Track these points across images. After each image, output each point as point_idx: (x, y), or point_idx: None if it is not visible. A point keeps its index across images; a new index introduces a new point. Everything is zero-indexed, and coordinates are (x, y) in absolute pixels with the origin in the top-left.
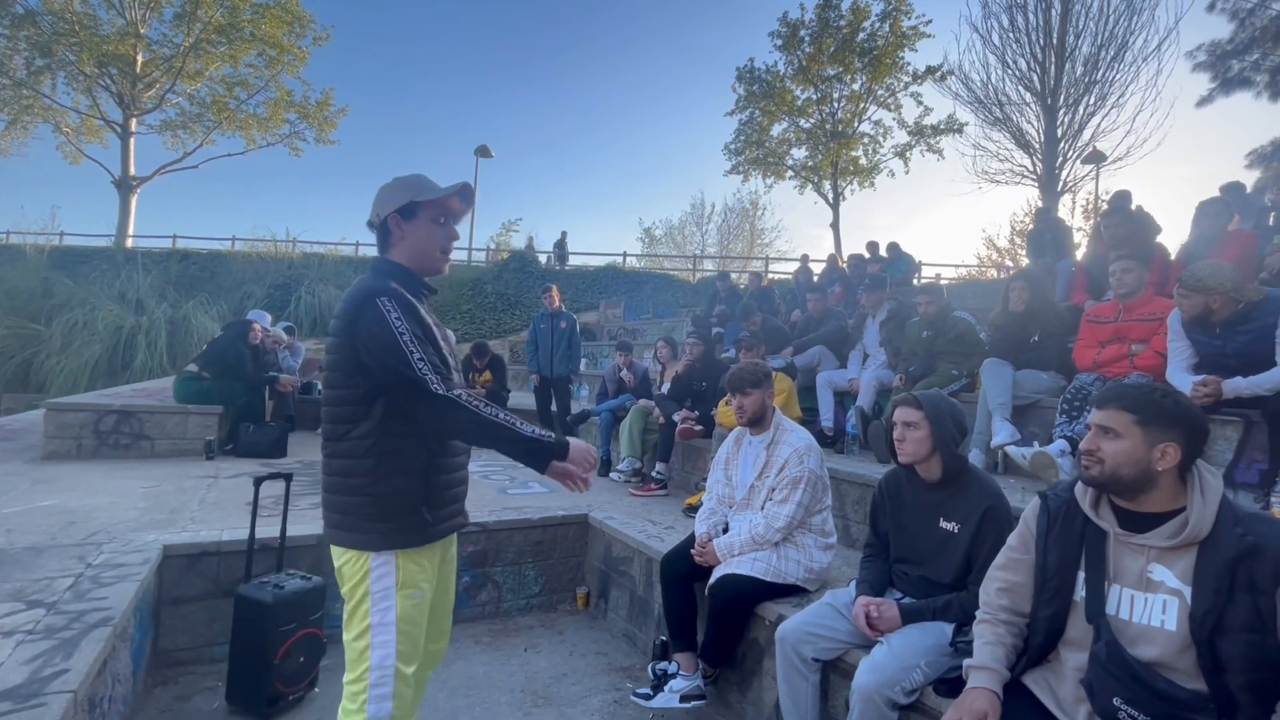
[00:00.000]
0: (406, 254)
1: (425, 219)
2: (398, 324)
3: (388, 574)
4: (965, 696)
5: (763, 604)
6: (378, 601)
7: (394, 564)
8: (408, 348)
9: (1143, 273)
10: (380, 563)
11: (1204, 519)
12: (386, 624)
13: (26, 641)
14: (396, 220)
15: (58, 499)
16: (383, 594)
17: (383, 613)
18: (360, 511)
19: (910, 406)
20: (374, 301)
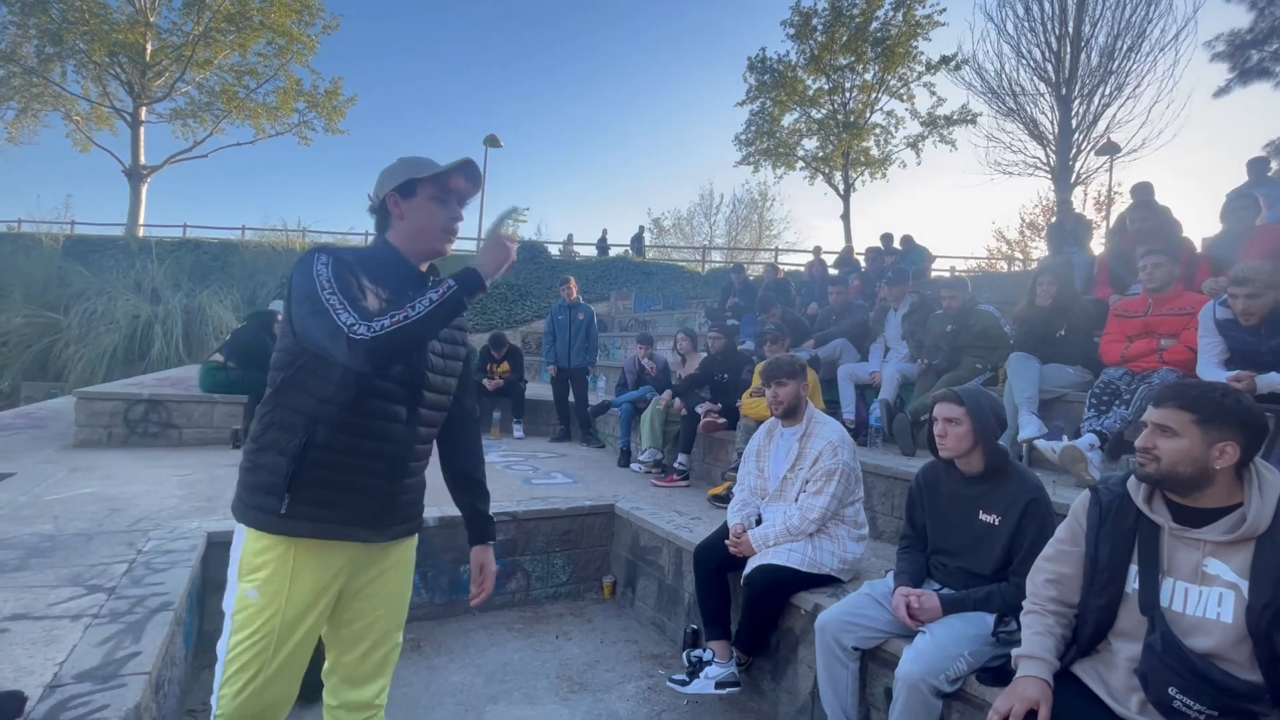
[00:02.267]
0: (404, 234)
1: (425, 197)
2: (323, 271)
3: (235, 555)
4: (1017, 684)
5: (798, 594)
6: (230, 585)
7: (241, 544)
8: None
9: (1173, 267)
10: (236, 540)
11: (1263, 515)
12: (229, 612)
13: (94, 625)
14: (395, 199)
15: (96, 486)
16: (232, 576)
17: (228, 598)
18: (241, 477)
19: (952, 402)
20: (311, 253)
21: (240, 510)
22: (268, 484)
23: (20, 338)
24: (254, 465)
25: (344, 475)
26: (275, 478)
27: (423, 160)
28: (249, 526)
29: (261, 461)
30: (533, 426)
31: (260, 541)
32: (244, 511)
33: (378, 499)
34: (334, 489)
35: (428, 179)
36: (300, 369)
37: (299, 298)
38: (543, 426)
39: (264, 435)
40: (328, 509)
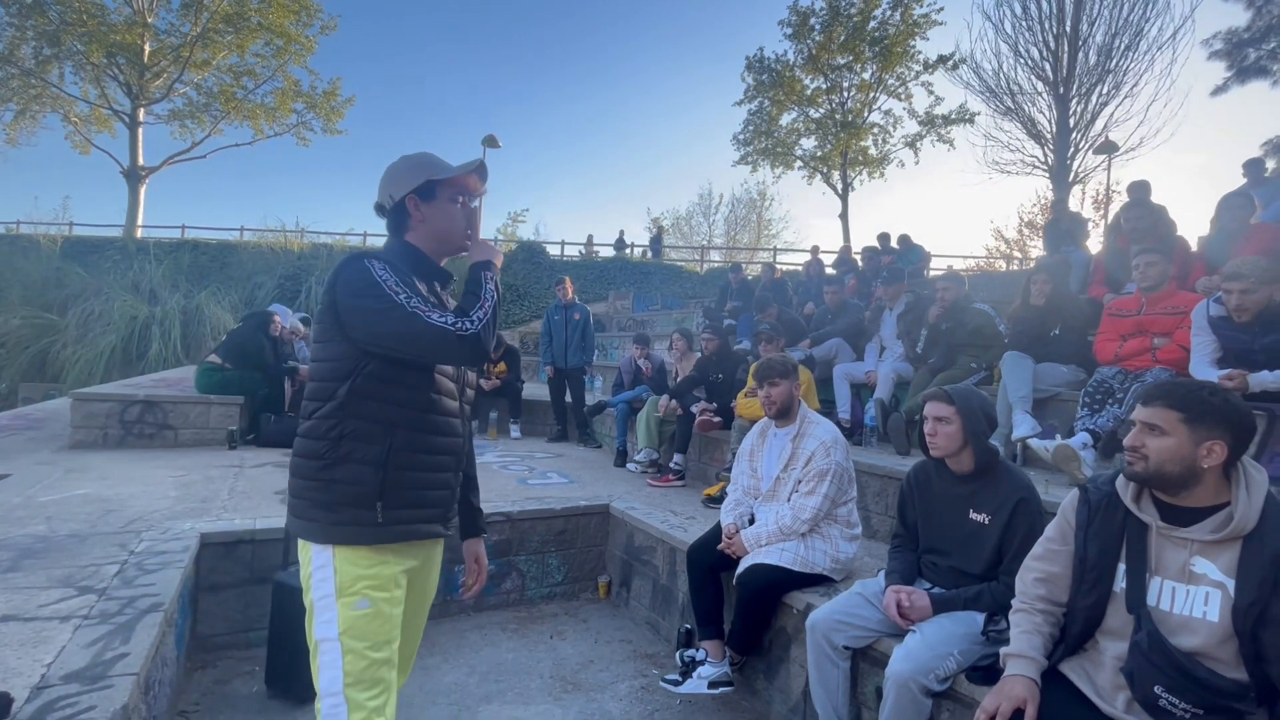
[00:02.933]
0: (426, 236)
1: (445, 199)
2: (384, 275)
3: (326, 577)
4: (1004, 683)
5: (790, 593)
6: (321, 611)
7: (331, 565)
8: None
9: (1167, 266)
10: (321, 562)
11: (1249, 514)
12: (327, 639)
13: (84, 626)
14: (415, 202)
15: (91, 487)
16: (324, 601)
17: (326, 625)
18: (309, 497)
19: (941, 401)
20: (360, 260)
21: (321, 530)
22: (355, 496)
23: (18, 339)
24: (330, 480)
25: (424, 474)
26: (364, 488)
27: (430, 159)
28: (340, 545)
29: (339, 475)
30: (530, 427)
31: (356, 553)
32: (329, 530)
33: (449, 491)
34: (418, 488)
35: (446, 181)
36: (368, 376)
37: (364, 305)
38: (540, 427)
39: (337, 448)
40: (416, 508)
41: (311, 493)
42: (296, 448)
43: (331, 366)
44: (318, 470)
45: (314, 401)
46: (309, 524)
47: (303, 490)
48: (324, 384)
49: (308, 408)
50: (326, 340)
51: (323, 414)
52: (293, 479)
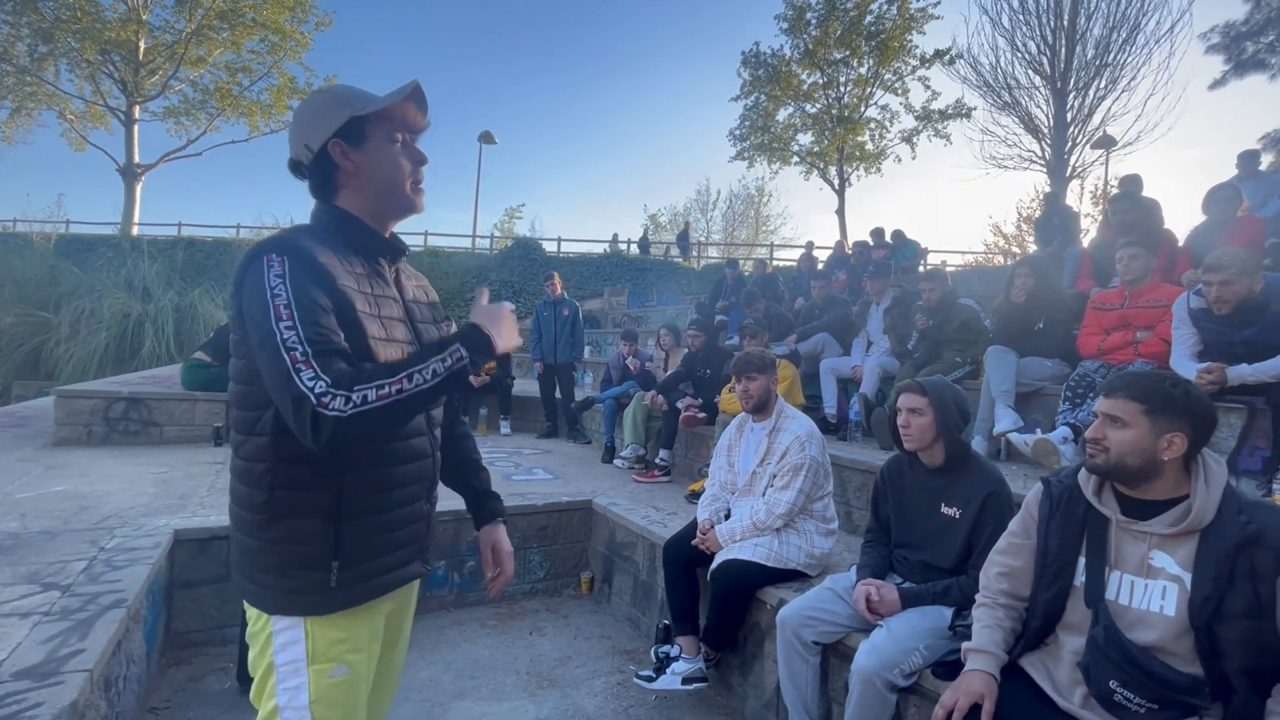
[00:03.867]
0: (362, 194)
1: (380, 140)
2: (274, 284)
3: (294, 642)
4: (963, 679)
5: (764, 589)
6: (285, 677)
7: (302, 630)
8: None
9: (1149, 259)
10: (284, 627)
11: (1207, 507)
12: (297, 708)
13: (43, 623)
14: (341, 149)
15: (69, 484)
16: (290, 668)
17: (292, 693)
18: (253, 559)
19: (914, 393)
20: (261, 257)
21: (269, 599)
22: (304, 557)
23: (11, 337)
24: (271, 541)
25: (390, 514)
26: (312, 547)
27: (350, 91)
28: (287, 615)
29: (281, 534)
30: (520, 423)
31: (331, 620)
32: (276, 599)
33: (424, 522)
34: (385, 532)
35: (376, 115)
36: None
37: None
38: (530, 423)
39: (273, 500)
40: (385, 555)
41: (254, 553)
42: (231, 490)
43: (248, 391)
44: (255, 527)
45: (239, 434)
46: (257, 590)
47: (243, 547)
48: (245, 413)
49: (234, 441)
50: (242, 356)
51: (249, 454)
52: (231, 529)
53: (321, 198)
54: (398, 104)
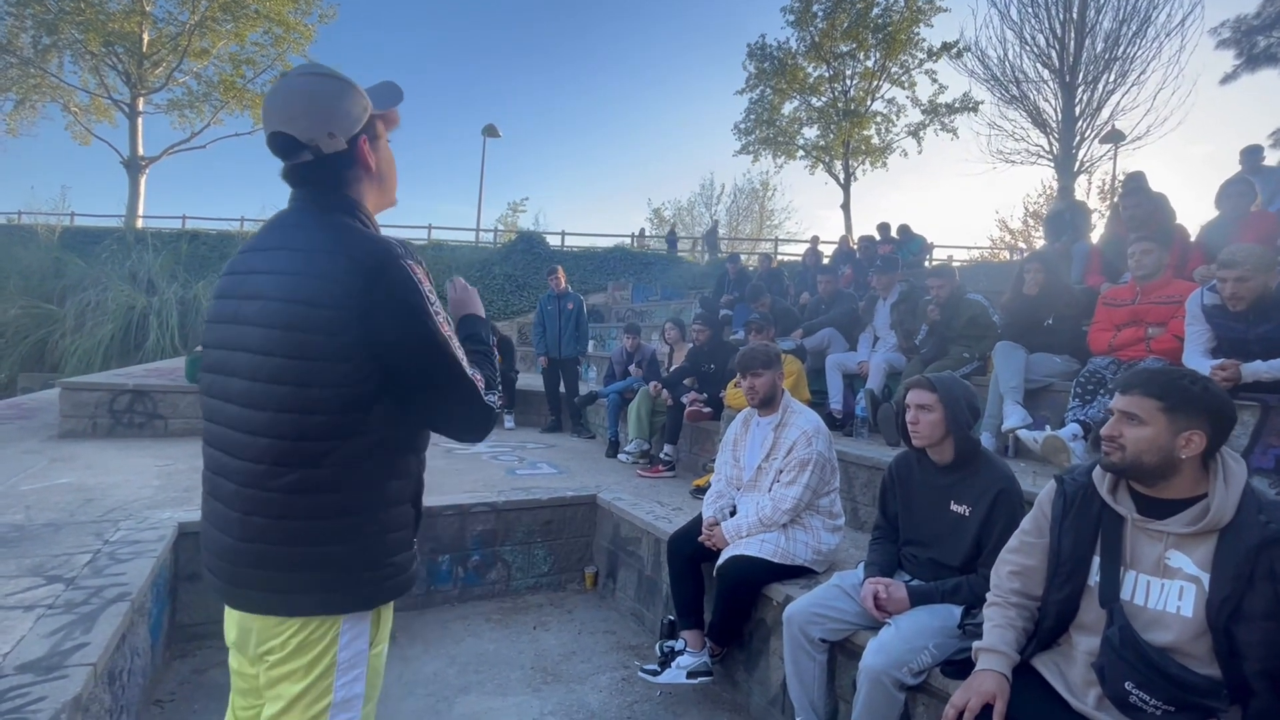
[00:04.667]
0: (371, 190)
1: (385, 140)
2: (431, 302)
3: (361, 635)
4: (974, 678)
5: (770, 585)
6: (345, 672)
7: (368, 620)
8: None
9: (1162, 254)
10: (353, 623)
11: (1226, 506)
12: (352, 699)
13: (47, 616)
14: (367, 144)
15: (74, 477)
16: (351, 662)
17: (349, 685)
18: (344, 563)
19: (924, 389)
20: (397, 264)
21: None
22: (401, 542)
23: (17, 329)
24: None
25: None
26: (406, 532)
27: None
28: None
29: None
30: (524, 417)
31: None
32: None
33: None
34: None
35: (384, 115)
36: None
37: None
38: (534, 417)
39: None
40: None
41: (350, 558)
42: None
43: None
44: (355, 528)
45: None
46: (346, 595)
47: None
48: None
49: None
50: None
51: (349, 455)
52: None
53: (329, 189)
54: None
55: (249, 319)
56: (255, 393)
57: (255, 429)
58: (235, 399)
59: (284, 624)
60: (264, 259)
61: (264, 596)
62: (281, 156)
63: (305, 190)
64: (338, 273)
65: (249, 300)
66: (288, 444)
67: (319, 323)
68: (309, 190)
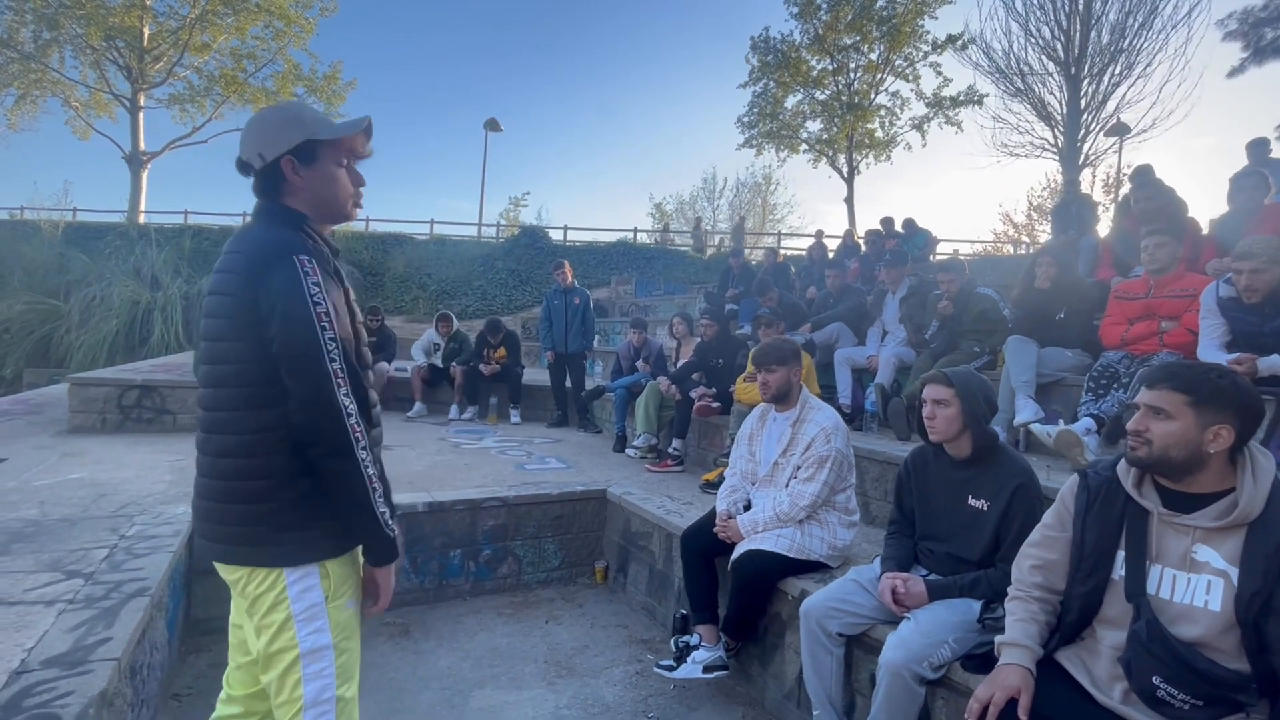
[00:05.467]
0: (307, 204)
1: (328, 162)
2: (313, 291)
3: (311, 587)
4: (998, 672)
5: (785, 579)
6: (305, 623)
7: (317, 575)
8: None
9: (1176, 248)
10: (299, 577)
11: (1255, 501)
12: (320, 649)
13: (68, 610)
14: (293, 165)
15: (86, 472)
16: (309, 613)
17: (313, 636)
18: (269, 520)
19: (941, 384)
20: (290, 259)
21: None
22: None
23: (22, 324)
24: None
25: None
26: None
27: (306, 112)
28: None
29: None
30: (530, 412)
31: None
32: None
33: None
34: None
35: (330, 142)
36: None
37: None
38: (540, 412)
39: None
40: None
41: (269, 515)
42: (226, 469)
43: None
44: (273, 489)
45: (243, 410)
46: (274, 549)
47: (261, 515)
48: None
49: (231, 418)
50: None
51: (267, 423)
52: (230, 505)
53: (267, 197)
54: (349, 135)
55: (204, 312)
56: (204, 374)
57: (202, 403)
58: (201, 381)
59: (235, 572)
60: (220, 261)
61: (213, 546)
62: (242, 174)
63: (257, 203)
64: (242, 265)
65: (206, 298)
66: (215, 414)
67: (227, 308)
68: (258, 202)
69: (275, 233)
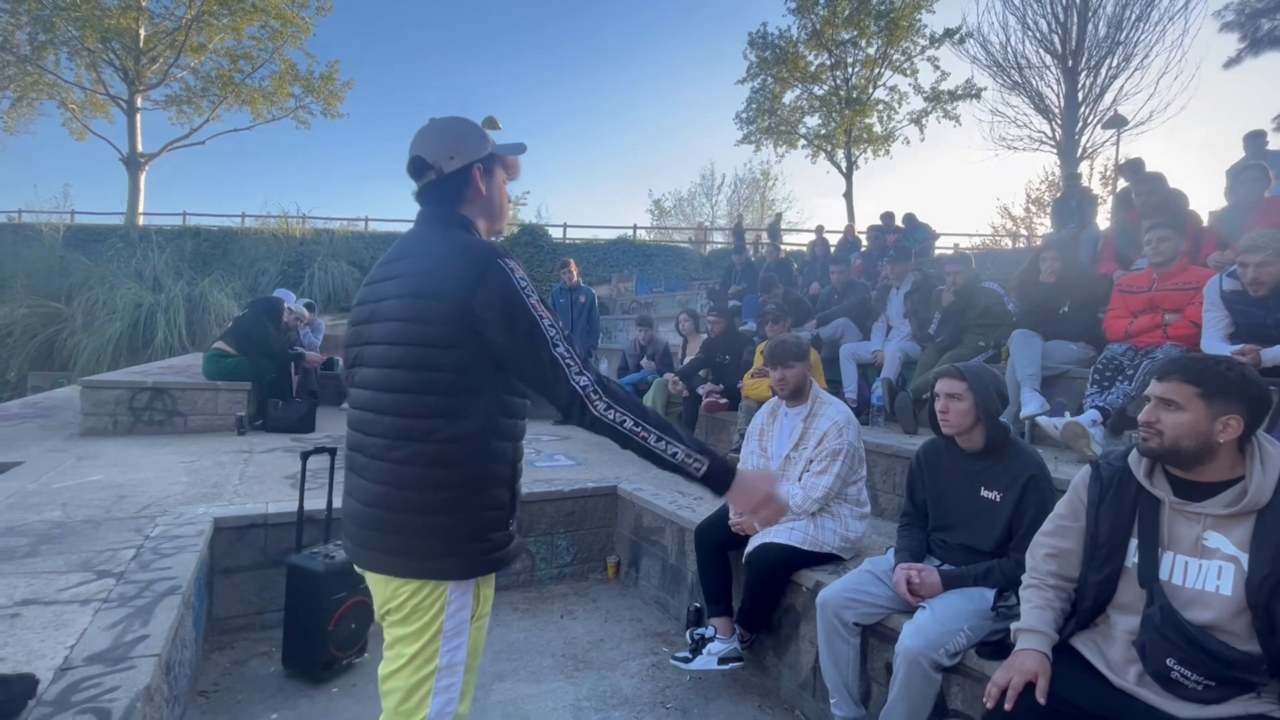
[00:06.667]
0: (480, 212)
1: (499, 177)
2: (524, 287)
3: (465, 605)
4: (1015, 657)
5: (799, 571)
6: (449, 639)
7: (473, 593)
8: (539, 314)
9: (1179, 241)
10: (459, 593)
11: (1264, 489)
12: (455, 665)
13: (104, 609)
14: (481, 173)
15: (104, 474)
16: (455, 630)
17: (453, 652)
18: (447, 533)
19: (953, 378)
20: (497, 262)
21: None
22: (499, 520)
23: (25, 328)
24: (472, 510)
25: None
26: (502, 512)
27: (478, 129)
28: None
29: (484, 502)
30: (537, 410)
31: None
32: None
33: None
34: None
35: (499, 158)
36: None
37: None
38: (546, 410)
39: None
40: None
41: (453, 529)
42: (410, 479)
43: (456, 379)
44: (456, 501)
45: (435, 419)
46: (449, 562)
47: (435, 528)
48: (447, 398)
49: (420, 426)
50: (450, 345)
51: (458, 433)
52: (404, 516)
53: (445, 204)
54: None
55: (381, 317)
56: (383, 378)
57: (382, 409)
58: (369, 385)
59: (399, 586)
60: (393, 268)
61: (380, 557)
62: (414, 177)
63: (429, 208)
64: (453, 269)
65: (381, 303)
66: (406, 421)
67: (435, 313)
68: (431, 208)
69: (468, 238)
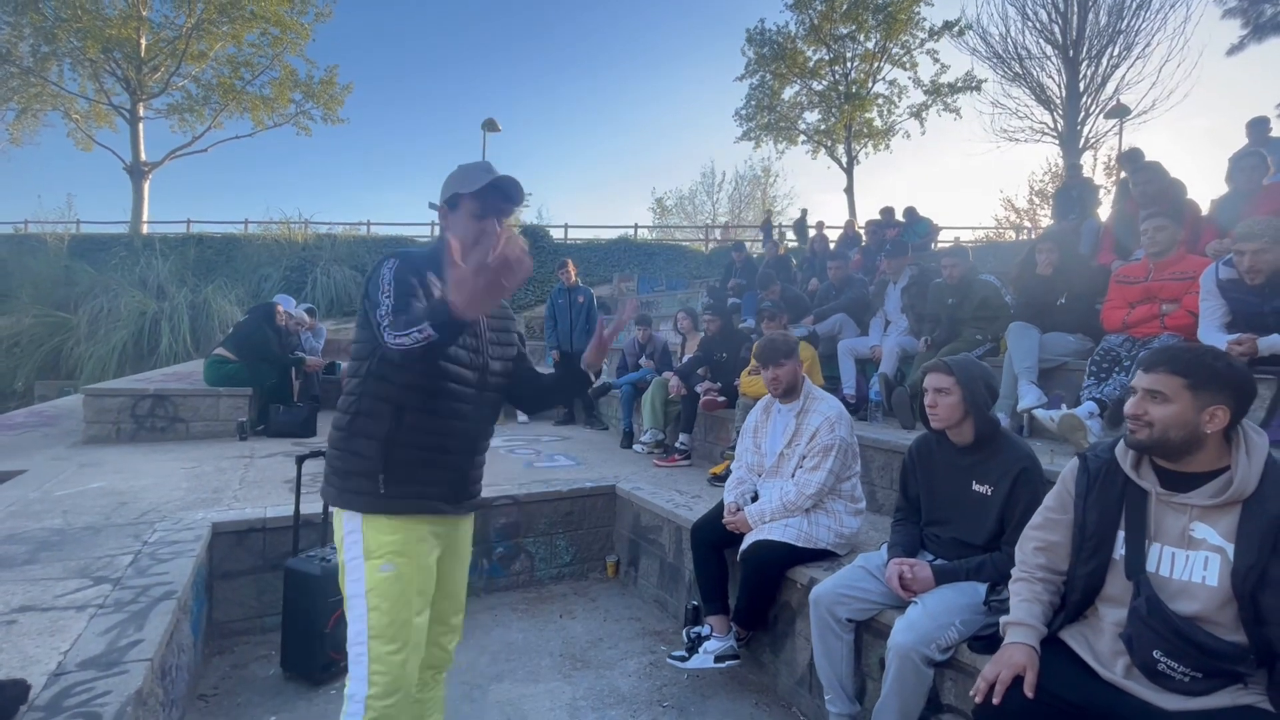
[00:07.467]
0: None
1: (465, 213)
2: (386, 275)
3: (356, 541)
4: (1004, 651)
5: (794, 568)
6: (351, 569)
7: (360, 530)
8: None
9: (1176, 230)
10: (351, 527)
11: (1249, 478)
12: (357, 595)
13: (99, 615)
14: (443, 210)
15: (105, 481)
16: (353, 562)
17: (355, 582)
18: (332, 466)
19: (941, 372)
20: (386, 257)
21: (334, 495)
22: (363, 468)
23: (31, 337)
24: (345, 452)
25: (427, 454)
26: (370, 462)
27: (478, 170)
28: (361, 513)
29: (354, 448)
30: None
31: (378, 520)
32: (339, 496)
33: (457, 473)
34: (421, 466)
35: (468, 195)
36: (382, 359)
37: (370, 296)
38: (546, 410)
39: (352, 423)
40: (419, 485)
41: (334, 461)
42: (332, 422)
43: (359, 348)
44: (339, 440)
45: (348, 378)
46: (330, 490)
47: (330, 458)
48: (355, 363)
49: (345, 383)
50: (361, 324)
51: (349, 390)
52: (327, 449)
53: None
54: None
55: None
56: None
57: None
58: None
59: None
60: None
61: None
62: None
63: None
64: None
65: None
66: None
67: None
68: None
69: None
